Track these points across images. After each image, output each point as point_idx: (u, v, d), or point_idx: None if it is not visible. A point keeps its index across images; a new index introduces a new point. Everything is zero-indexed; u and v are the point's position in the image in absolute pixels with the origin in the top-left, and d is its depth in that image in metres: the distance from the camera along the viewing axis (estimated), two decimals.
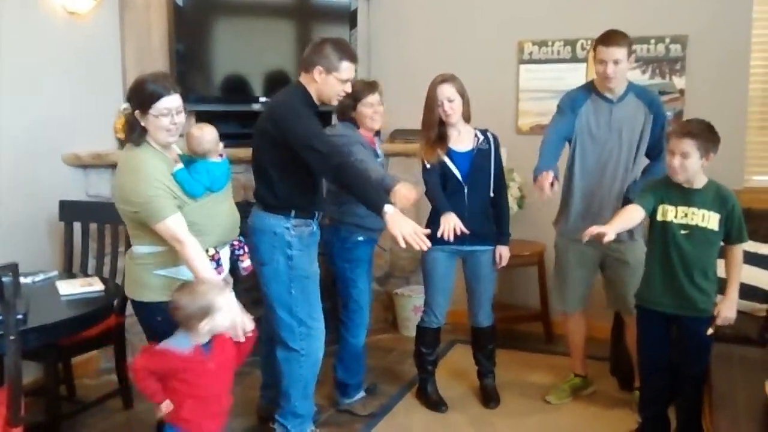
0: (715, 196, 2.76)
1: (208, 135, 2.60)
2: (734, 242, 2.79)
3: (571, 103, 3.32)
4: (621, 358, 3.67)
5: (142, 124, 2.45)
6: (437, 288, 3.47)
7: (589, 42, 4.27)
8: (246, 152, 3.18)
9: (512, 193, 4.24)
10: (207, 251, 2.53)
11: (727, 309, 2.79)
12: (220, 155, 2.64)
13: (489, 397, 3.58)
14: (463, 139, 3.38)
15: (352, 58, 2.87)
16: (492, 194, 3.41)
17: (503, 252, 3.45)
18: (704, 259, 2.77)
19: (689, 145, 2.69)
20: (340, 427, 3.37)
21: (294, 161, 2.80)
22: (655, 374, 2.95)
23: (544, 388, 3.72)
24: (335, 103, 3.00)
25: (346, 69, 2.85)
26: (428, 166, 3.34)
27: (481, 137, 3.39)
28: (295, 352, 2.95)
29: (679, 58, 4.12)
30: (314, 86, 2.87)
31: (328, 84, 2.85)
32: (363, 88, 3.31)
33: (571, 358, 3.71)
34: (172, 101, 2.44)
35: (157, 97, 2.41)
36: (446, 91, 3.28)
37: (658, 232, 2.82)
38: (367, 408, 3.48)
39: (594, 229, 2.69)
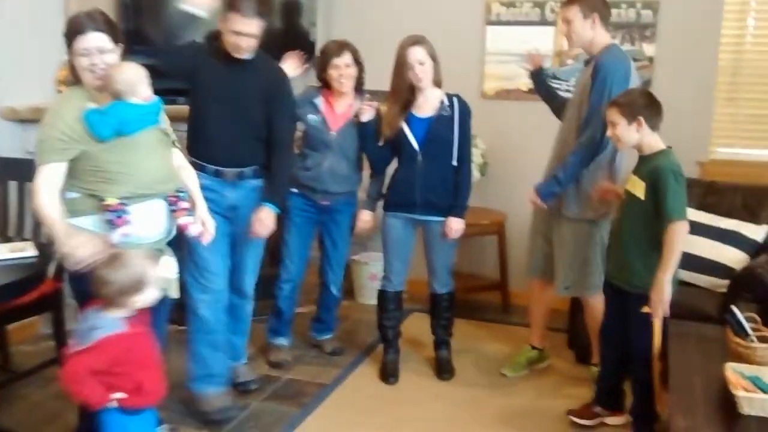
0: (651, 166, 2.66)
1: (120, 74, 2.35)
2: (665, 217, 2.59)
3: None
4: (578, 331, 3.62)
5: (74, 63, 2.33)
6: (393, 253, 3.41)
7: (559, 4, 4.12)
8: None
9: (475, 159, 4.11)
10: (105, 200, 2.33)
11: (654, 292, 2.62)
12: (147, 98, 2.42)
13: (443, 369, 3.50)
14: (427, 105, 3.24)
15: (237, 8, 2.74)
16: (455, 163, 3.27)
17: (453, 224, 3.29)
18: (635, 230, 2.71)
19: (614, 114, 2.69)
20: (288, 400, 3.25)
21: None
22: (610, 348, 2.91)
23: (500, 359, 3.67)
24: (236, 54, 2.84)
25: (234, 20, 2.75)
26: (380, 143, 3.27)
27: (446, 102, 3.23)
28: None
29: (649, 25, 3.99)
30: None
31: (224, 33, 2.81)
32: (332, 49, 3.23)
33: (531, 329, 3.64)
34: (89, 40, 2.28)
35: (74, 34, 2.27)
36: (417, 53, 3.13)
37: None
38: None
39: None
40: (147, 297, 2.19)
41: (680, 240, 2.61)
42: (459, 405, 3.23)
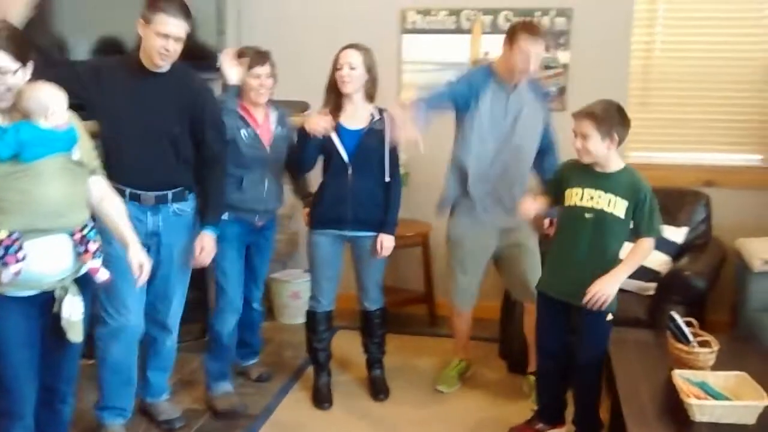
0: (628, 183, 2.63)
1: (34, 92, 2.11)
2: (643, 234, 2.65)
3: (473, 81, 3.09)
4: (510, 340, 3.59)
5: None
6: (321, 273, 3.24)
7: (475, 12, 4.12)
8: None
9: None
10: None
11: (604, 282, 2.60)
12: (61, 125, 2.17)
13: (378, 389, 3.38)
14: (357, 116, 3.11)
15: (167, 11, 2.57)
16: (387, 179, 3.15)
17: (385, 242, 3.19)
18: (605, 247, 2.65)
19: (588, 127, 2.58)
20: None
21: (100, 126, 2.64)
22: (551, 361, 2.86)
23: (432, 374, 3.59)
24: (160, 62, 2.63)
25: (160, 22, 2.56)
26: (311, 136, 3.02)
27: (377, 116, 3.12)
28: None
29: (563, 32, 4.03)
30: (141, 43, 2.64)
31: (147, 37, 2.61)
32: (252, 57, 3.01)
33: (456, 343, 3.58)
34: None
35: None
36: (350, 56, 3.02)
37: (565, 216, 2.70)
38: (229, 402, 3.20)
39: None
40: None
41: (647, 254, 2.69)
42: (400, 427, 3.12)
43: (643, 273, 3.42)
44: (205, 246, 2.85)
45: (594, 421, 2.83)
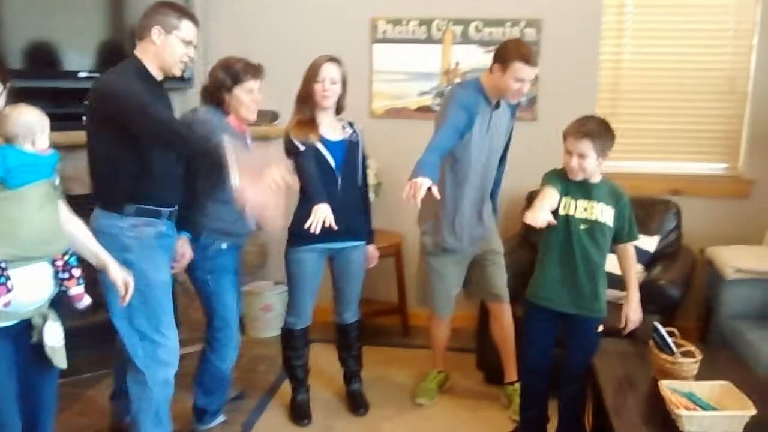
0: (609, 191, 2.69)
1: (20, 116, 2.06)
2: (626, 239, 2.73)
3: (470, 106, 2.98)
4: (487, 351, 3.58)
5: None
6: (304, 290, 3.15)
7: (445, 22, 4.11)
8: (65, 137, 2.83)
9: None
10: None
11: (633, 312, 2.74)
12: (45, 150, 2.12)
13: (357, 404, 3.34)
14: (333, 129, 3.07)
15: (194, 19, 2.52)
16: (363, 188, 3.17)
17: (372, 251, 3.24)
18: (601, 256, 2.69)
19: (587, 146, 2.59)
20: None
21: (129, 146, 2.39)
22: (539, 374, 2.86)
23: (410, 386, 3.57)
24: (177, 72, 2.53)
25: (188, 28, 2.48)
26: (302, 148, 2.95)
27: (349, 129, 3.12)
28: (140, 372, 2.53)
29: (533, 43, 4.05)
30: (153, 51, 2.46)
31: (169, 45, 2.46)
32: (246, 69, 2.84)
33: (434, 355, 3.56)
34: None
35: None
36: (332, 71, 2.98)
37: (560, 226, 2.67)
38: None
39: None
40: None
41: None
42: None
43: (616, 282, 3.46)
44: (186, 252, 2.80)
45: (580, 429, 2.84)
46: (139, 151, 2.41)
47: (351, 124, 3.16)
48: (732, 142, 4.13)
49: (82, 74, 3.51)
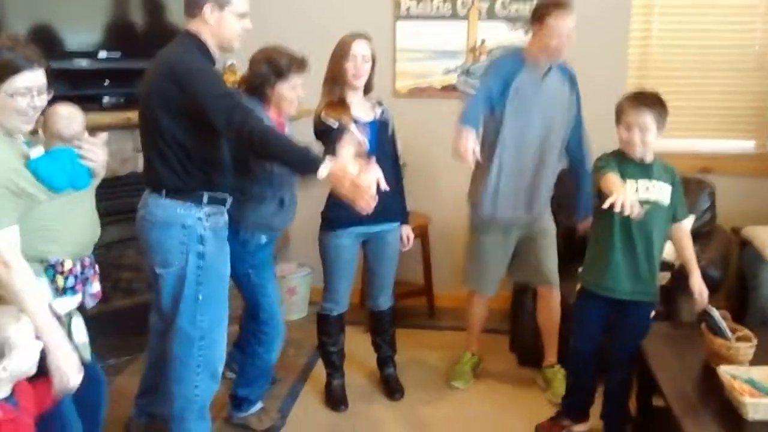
0: (664, 169, 2.64)
1: (79, 116, 2.06)
2: (680, 218, 2.69)
3: (504, 72, 2.96)
4: (521, 333, 3.54)
5: None
6: (342, 276, 3.10)
7: None
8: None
9: None
10: (62, 263, 2.03)
11: (699, 282, 2.66)
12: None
13: (393, 389, 3.30)
14: (364, 109, 2.99)
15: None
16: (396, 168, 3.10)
17: (407, 231, 3.19)
18: (661, 237, 2.65)
19: (648, 118, 2.54)
20: None
21: (204, 130, 2.27)
22: (589, 361, 2.81)
23: (442, 369, 3.53)
24: (237, 46, 2.41)
25: (241, 2, 2.33)
26: (335, 126, 2.83)
27: (379, 108, 3.04)
28: (190, 373, 2.44)
29: None
30: (208, 30, 2.32)
31: (225, 22, 2.32)
32: (290, 64, 2.71)
33: (469, 336, 3.52)
34: (35, 78, 1.87)
35: (13, 71, 1.82)
36: (363, 47, 2.90)
37: (612, 211, 2.61)
38: (264, 421, 3.00)
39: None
40: (14, 367, 1.77)
41: None
42: (421, 428, 3.05)
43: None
44: None
45: (624, 416, 2.82)
46: (212, 135, 2.30)
47: (380, 103, 3.08)
48: (761, 119, 4.08)
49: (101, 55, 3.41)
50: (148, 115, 2.31)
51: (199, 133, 2.28)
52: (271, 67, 2.69)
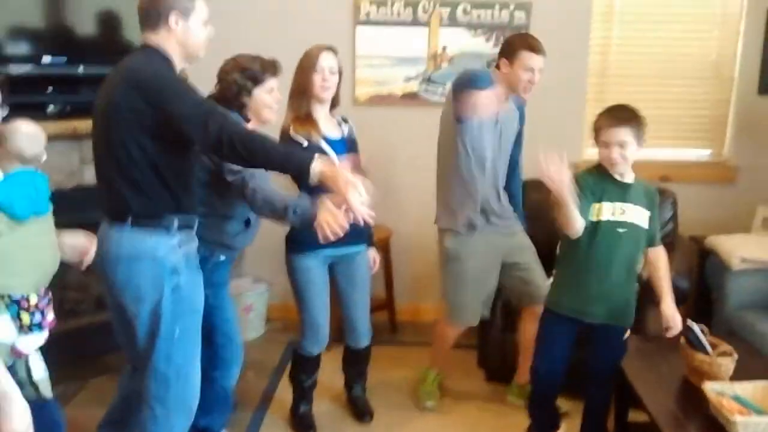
0: (644, 192, 2.56)
1: (42, 135, 1.91)
2: (657, 243, 2.61)
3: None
4: (489, 349, 3.46)
5: None
6: (318, 302, 2.87)
7: (432, 3, 3.93)
8: None
9: None
10: (28, 299, 1.90)
11: (672, 312, 2.54)
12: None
13: (362, 411, 3.17)
14: (331, 125, 2.86)
15: None
16: None
17: (375, 255, 3.06)
18: (637, 261, 2.57)
19: (626, 133, 2.46)
20: None
21: (174, 145, 2.07)
22: (552, 382, 2.74)
23: (408, 387, 3.43)
24: (202, 54, 2.22)
25: (201, 6, 2.17)
26: (305, 144, 2.71)
27: (345, 125, 2.91)
28: (166, 410, 2.23)
29: (522, 26, 3.92)
30: (174, 42, 2.12)
31: (191, 31, 2.14)
32: (264, 67, 2.56)
33: (435, 358, 3.35)
34: None
35: None
36: (331, 60, 2.76)
37: (594, 232, 2.53)
38: None
39: None
40: None
41: None
42: None
43: None
44: None
45: (604, 430, 2.76)
46: (184, 151, 2.11)
47: (345, 120, 2.95)
48: (718, 128, 4.13)
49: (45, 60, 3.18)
50: (108, 132, 2.07)
51: (169, 149, 2.07)
52: (246, 75, 2.53)
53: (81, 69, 3.24)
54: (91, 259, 2.16)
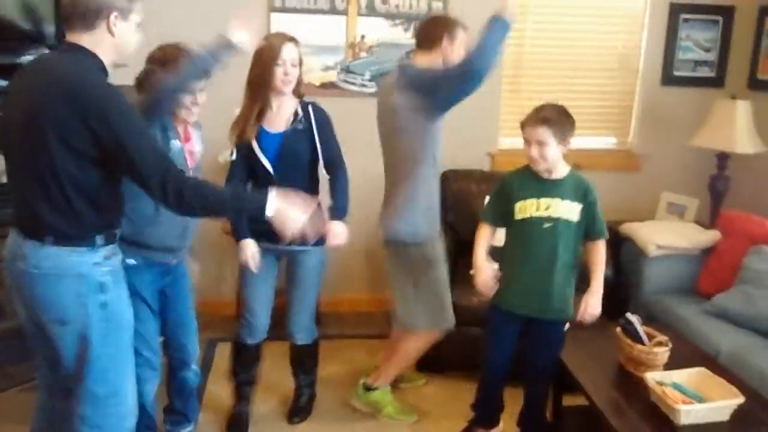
0: (574, 186, 2.60)
1: None
2: (597, 236, 2.65)
3: None
4: None
5: None
6: (255, 291, 2.83)
7: None
8: None
9: None
10: None
11: (594, 307, 2.59)
12: None
13: (291, 411, 3.10)
14: (280, 118, 2.73)
15: None
16: (327, 174, 2.83)
17: (334, 227, 2.74)
18: (569, 254, 2.60)
19: (545, 133, 2.50)
20: None
21: (108, 169, 1.91)
22: (501, 376, 2.79)
23: (341, 385, 3.35)
24: (129, 62, 2.08)
25: (139, 9, 2.01)
26: (234, 156, 2.64)
27: (300, 114, 2.75)
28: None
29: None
30: (109, 44, 1.95)
31: (128, 33, 1.98)
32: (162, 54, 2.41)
33: (393, 373, 3.15)
34: None
35: None
36: (293, 52, 2.64)
37: (517, 230, 2.59)
38: None
39: None
40: None
41: (605, 257, 2.66)
42: None
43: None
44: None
45: (542, 422, 2.83)
46: (117, 174, 1.97)
47: (306, 107, 2.78)
48: (624, 118, 4.30)
49: None
50: (28, 143, 1.87)
51: (101, 171, 1.91)
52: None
53: None
54: None
